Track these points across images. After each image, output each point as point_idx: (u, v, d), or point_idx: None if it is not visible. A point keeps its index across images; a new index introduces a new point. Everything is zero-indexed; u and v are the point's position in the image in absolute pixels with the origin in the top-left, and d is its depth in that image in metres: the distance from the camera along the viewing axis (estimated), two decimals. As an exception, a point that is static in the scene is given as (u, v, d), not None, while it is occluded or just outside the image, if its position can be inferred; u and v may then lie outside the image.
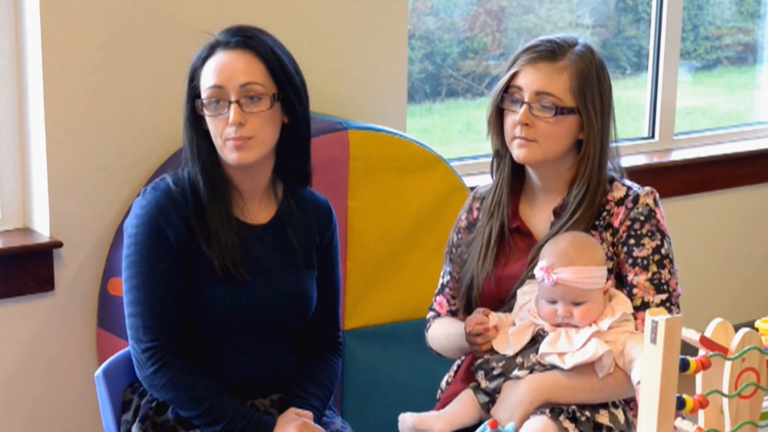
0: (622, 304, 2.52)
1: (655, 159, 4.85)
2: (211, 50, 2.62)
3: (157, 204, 2.61)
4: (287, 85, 2.62)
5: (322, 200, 2.81)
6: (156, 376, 2.59)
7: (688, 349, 1.73)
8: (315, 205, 2.78)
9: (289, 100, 2.63)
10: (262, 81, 2.58)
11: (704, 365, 1.77)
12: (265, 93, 2.58)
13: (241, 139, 2.56)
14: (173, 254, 2.60)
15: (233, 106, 2.56)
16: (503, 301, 2.65)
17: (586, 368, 2.47)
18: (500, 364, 2.54)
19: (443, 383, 2.85)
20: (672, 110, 4.96)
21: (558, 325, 2.51)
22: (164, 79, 3.53)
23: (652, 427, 1.69)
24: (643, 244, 2.60)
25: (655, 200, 2.64)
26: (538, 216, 2.70)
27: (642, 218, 2.61)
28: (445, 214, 3.52)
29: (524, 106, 2.59)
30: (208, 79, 2.59)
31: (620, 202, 2.64)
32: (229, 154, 2.59)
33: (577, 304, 2.48)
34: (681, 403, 1.75)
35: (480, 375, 2.58)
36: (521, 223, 2.69)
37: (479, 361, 2.59)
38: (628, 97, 5.06)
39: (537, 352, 2.50)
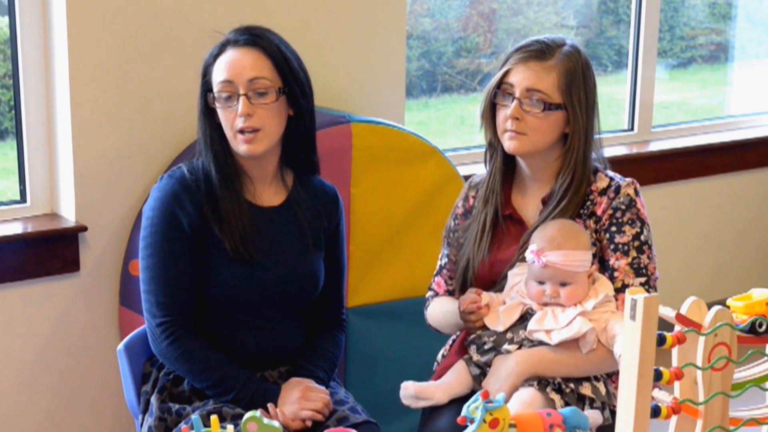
0: (604, 286, 2.53)
1: (635, 150, 4.84)
2: (221, 48, 2.63)
3: (172, 190, 2.62)
4: (292, 79, 2.62)
5: (329, 187, 2.81)
6: (170, 349, 2.60)
7: (664, 325, 1.73)
8: (323, 192, 2.78)
9: (293, 93, 2.63)
10: (268, 76, 2.59)
11: (679, 340, 1.78)
12: (271, 87, 2.59)
13: (250, 131, 2.56)
14: (186, 237, 2.60)
15: (242, 99, 2.56)
16: (495, 282, 2.65)
17: (571, 344, 2.47)
18: (491, 339, 2.55)
19: (439, 356, 2.85)
20: (650, 105, 4.95)
21: (545, 305, 2.51)
22: (181, 76, 3.52)
23: (632, 397, 1.70)
24: (624, 231, 2.60)
25: (635, 190, 2.64)
26: (529, 204, 2.70)
27: (623, 207, 2.61)
28: (441, 201, 3.52)
29: (515, 102, 2.59)
30: (219, 75, 2.60)
31: (603, 192, 2.64)
32: (239, 145, 2.59)
33: (563, 285, 2.49)
34: (658, 375, 1.75)
35: (472, 349, 2.58)
36: (513, 211, 2.69)
37: (472, 336, 2.60)
38: (609, 93, 5.06)
39: (526, 329, 2.51)
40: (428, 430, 2.61)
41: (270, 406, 2.57)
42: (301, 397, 2.57)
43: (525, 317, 2.53)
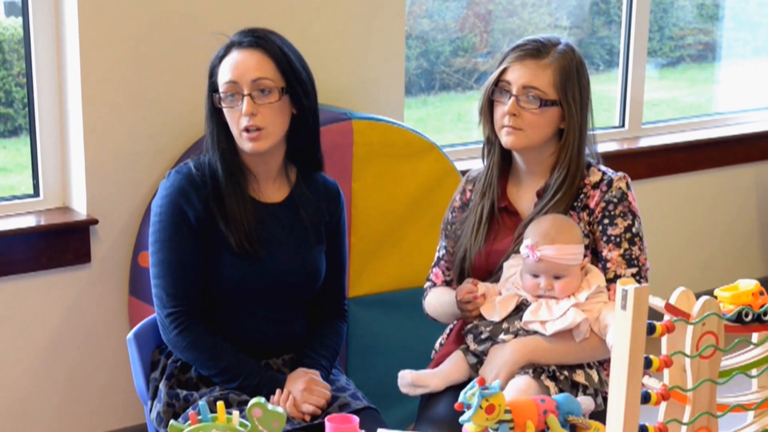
0: (596, 277, 2.52)
1: (626, 146, 4.85)
2: (227, 50, 2.63)
3: (179, 186, 2.62)
4: (294, 79, 2.62)
5: (331, 183, 2.81)
6: (179, 338, 2.60)
7: (654, 314, 1.74)
8: (325, 188, 2.78)
9: (296, 93, 2.63)
10: (271, 76, 2.58)
11: (669, 329, 1.78)
12: (274, 87, 2.58)
13: (255, 130, 2.56)
14: (193, 230, 2.60)
15: (246, 99, 2.56)
16: (491, 273, 2.65)
17: (565, 334, 2.47)
18: (488, 329, 2.55)
19: (437, 344, 2.85)
20: (640, 102, 4.95)
21: (539, 297, 2.51)
22: (188, 76, 3.52)
23: (623, 384, 1.70)
24: (616, 224, 2.60)
25: (627, 184, 2.64)
26: (524, 197, 2.70)
27: (615, 200, 2.61)
28: (439, 195, 3.53)
29: (512, 99, 2.59)
30: (224, 75, 2.60)
31: (596, 186, 2.64)
32: (244, 143, 2.59)
33: (557, 278, 2.49)
34: (648, 363, 1.75)
35: (469, 339, 2.58)
36: (509, 203, 2.69)
37: (469, 326, 2.60)
38: (601, 91, 5.05)
39: (521, 319, 2.51)
40: (426, 416, 2.61)
41: (278, 391, 2.57)
42: (305, 389, 2.57)
43: (520, 308, 2.53)
